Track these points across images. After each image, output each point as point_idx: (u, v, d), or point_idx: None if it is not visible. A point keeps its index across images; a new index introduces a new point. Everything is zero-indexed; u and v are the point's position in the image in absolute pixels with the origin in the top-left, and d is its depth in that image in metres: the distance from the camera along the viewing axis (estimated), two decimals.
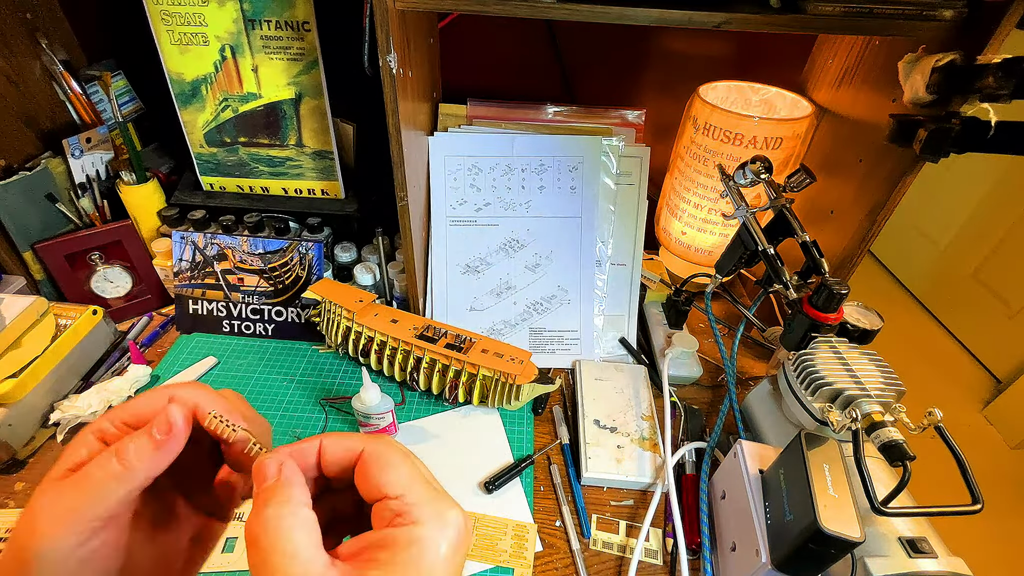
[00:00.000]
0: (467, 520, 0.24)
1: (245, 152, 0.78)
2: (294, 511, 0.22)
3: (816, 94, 0.77)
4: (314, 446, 0.26)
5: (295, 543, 0.22)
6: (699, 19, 0.51)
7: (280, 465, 0.24)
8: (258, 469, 0.24)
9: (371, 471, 0.24)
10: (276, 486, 0.23)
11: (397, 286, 0.82)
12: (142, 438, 0.24)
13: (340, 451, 0.25)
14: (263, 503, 0.23)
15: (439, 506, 0.23)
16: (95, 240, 0.77)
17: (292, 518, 0.22)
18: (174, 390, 0.27)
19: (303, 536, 0.22)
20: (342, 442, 0.26)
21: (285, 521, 0.22)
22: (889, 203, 0.60)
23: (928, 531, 0.46)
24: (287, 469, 0.24)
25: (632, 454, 0.65)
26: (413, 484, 0.24)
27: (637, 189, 0.79)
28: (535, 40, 0.84)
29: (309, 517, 0.23)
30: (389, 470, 0.24)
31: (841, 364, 0.57)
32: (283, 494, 0.23)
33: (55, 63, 0.72)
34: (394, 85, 0.55)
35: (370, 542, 0.23)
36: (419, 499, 0.23)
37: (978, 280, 1.93)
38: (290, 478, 0.24)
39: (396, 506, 0.23)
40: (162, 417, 0.25)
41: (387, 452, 0.25)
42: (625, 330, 0.80)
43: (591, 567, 0.57)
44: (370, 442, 0.25)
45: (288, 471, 0.24)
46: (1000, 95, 0.47)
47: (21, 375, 0.62)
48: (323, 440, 0.26)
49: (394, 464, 0.24)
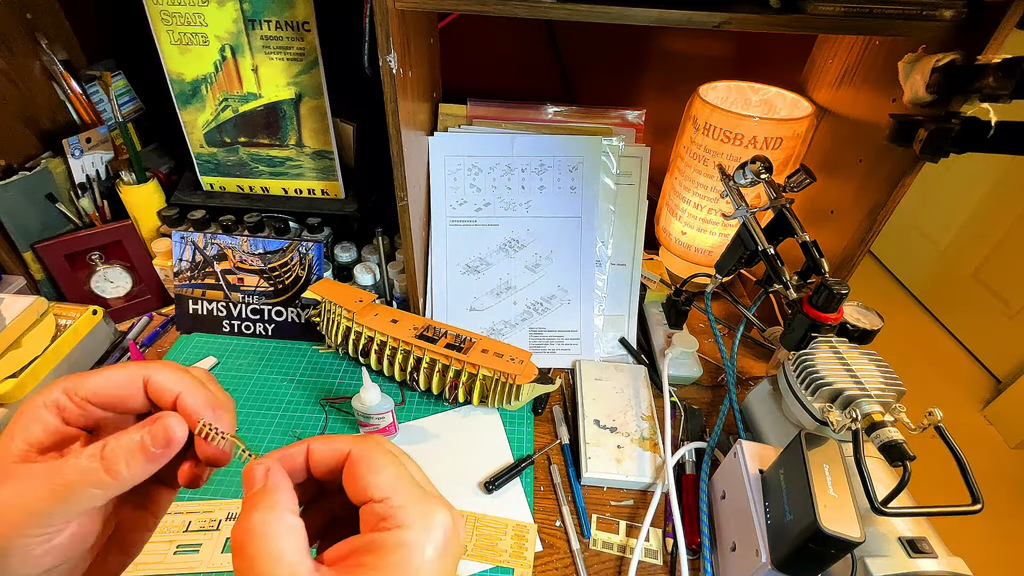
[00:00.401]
0: (456, 521, 0.24)
1: (245, 152, 0.78)
2: (279, 516, 0.22)
3: (816, 94, 0.77)
4: (302, 450, 0.26)
5: (280, 548, 0.21)
6: (699, 19, 0.51)
7: (267, 471, 0.24)
8: (246, 475, 0.24)
9: (357, 473, 0.24)
10: (262, 492, 0.23)
11: (397, 286, 0.82)
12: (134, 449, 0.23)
13: (327, 453, 0.25)
14: (249, 508, 0.23)
15: (425, 508, 0.23)
16: (95, 240, 0.77)
17: (277, 524, 0.22)
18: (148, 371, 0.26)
19: (288, 541, 0.22)
20: (329, 444, 0.25)
21: (270, 527, 0.22)
22: (889, 203, 0.60)
23: (928, 531, 0.46)
24: (273, 475, 0.24)
25: (632, 454, 0.65)
26: (399, 486, 0.23)
27: (637, 189, 0.79)
28: (535, 40, 0.84)
29: (294, 522, 0.23)
30: (375, 472, 0.24)
31: (841, 364, 0.57)
32: (269, 500, 0.23)
33: (55, 63, 0.72)
34: (394, 85, 0.55)
35: (356, 546, 0.22)
36: (405, 501, 0.23)
37: (978, 280, 1.93)
38: (276, 484, 0.24)
39: (381, 509, 0.23)
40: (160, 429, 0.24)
41: (373, 454, 0.24)
42: (625, 330, 0.80)
43: (591, 567, 0.57)
44: (356, 444, 0.25)
45: (274, 477, 0.24)
46: (1000, 95, 0.47)
47: (21, 375, 0.62)
48: (311, 443, 0.26)
49: (380, 466, 0.24)
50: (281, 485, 0.24)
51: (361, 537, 0.23)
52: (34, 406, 0.24)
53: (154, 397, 0.26)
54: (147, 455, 0.24)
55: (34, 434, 0.24)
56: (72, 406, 0.25)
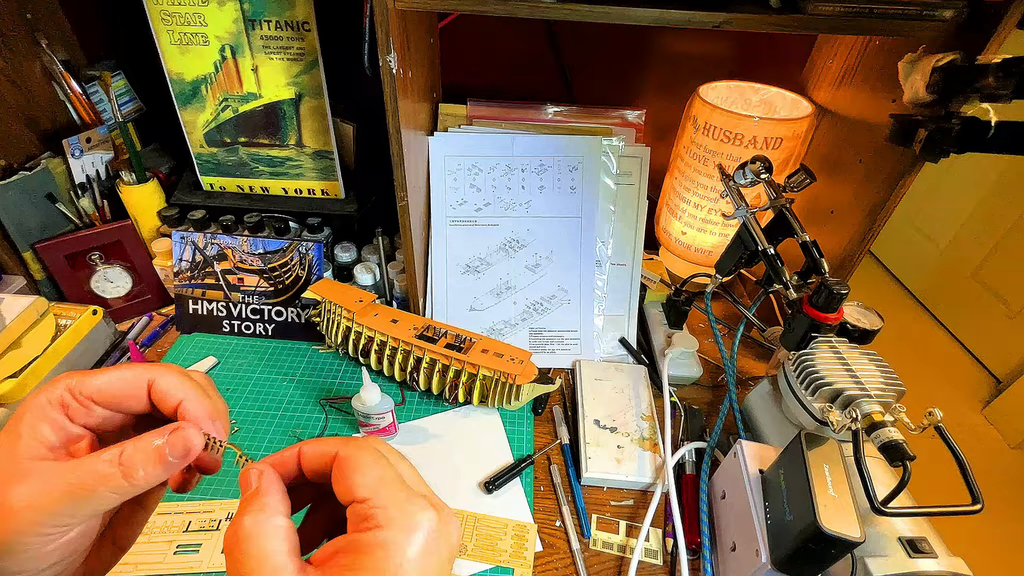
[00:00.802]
0: (445, 521, 0.24)
1: (245, 152, 0.78)
2: (268, 519, 0.23)
3: (816, 94, 0.77)
4: (294, 453, 0.26)
5: (268, 550, 0.22)
6: (699, 19, 0.51)
7: (260, 475, 0.25)
8: (242, 479, 0.25)
9: (343, 474, 0.24)
10: (253, 495, 0.24)
11: (397, 286, 0.82)
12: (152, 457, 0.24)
13: (317, 456, 0.26)
14: (241, 511, 0.23)
15: (408, 508, 0.23)
16: (95, 240, 0.77)
17: (266, 525, 0.23)
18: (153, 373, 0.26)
19: (276, 543, 0.22)
20: (319, 447, 0.26)
21: (259, 528, 0.22)
22: (889, 203, 0.60)
23: (928, 531, 0.46)
24: (264, 479, 0.25)
25: (632, 454, 0.65)
26: (381, 486, 0.24)
27: (637, 189, 0.79)
28: (535, 40, 0.84)
29: (283, 525, 0.23)
30: (359, 472, 0.24)
31: (841, 364, 0.57)
32: (258, 503, 0.24)
33: (55, 63, 0.72)
34: (394, 85, 0.55)
35: (339, 547, 0.23)
36: (387, 502, 0.23)
37: (978, 280, 1.93)
38: (267, 487, 0.24)
39: (363, 509, 0.23)
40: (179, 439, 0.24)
41: (358, 455, 0.25)
42: (625, 330, 0.80)
43: (591, 567, 0.57)
44: (344, 445, 0.25)
45: (266, 481, 0.25)
46: (1000, 95, 0.47)
47: (21, 375, 0.62)
48: (302, 447, 0.26)
49: (364, 466, 0.24)
50: (271, 489, 0.24)
51: (344, 537, 0.23)
52: (39, 403, 0.24)
53: (156, 400, 0.27)
54: (164, 463, 0.24)
55: (44, 434, 0.24)
56: (76, 405, 0.25)
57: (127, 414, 0.27)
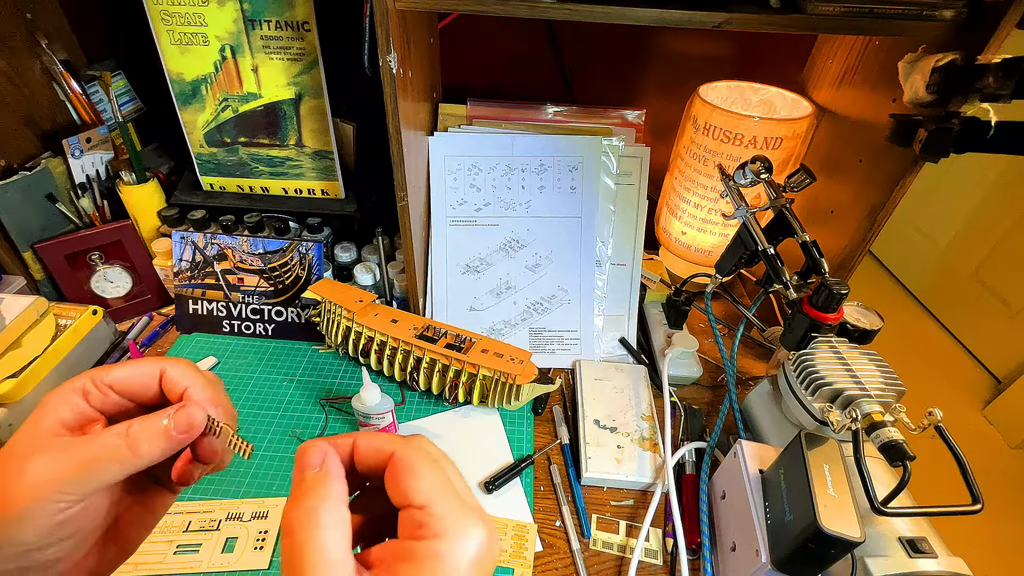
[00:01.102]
0: (492, 535, 0.24)
1: (245, 152, 0.78)
2: (333, 507, 0.22)
3: (816, 94, 0.77)
4: (348, 443, 0.26)
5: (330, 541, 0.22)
6: (699, 19, 0.51)
7: (325, 455, 0.24)
8: (301, 454, 0.24)
9: (399, 476, 0.24)
10: (319, 477, 0.23)
11: (397, 286, 0.82)
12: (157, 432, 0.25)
13: (372, 451, 0.25)
14: (304, 492, 0.23)
15: (464, 520, 0.23)
16: (95, 240, 0.77)
17: (330, 515, 0.22)
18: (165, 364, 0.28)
19: (337, 535, 0.22)
20: (374, 442, 0.25)
21: (324, 516, 0.22)
22: (889, 203, 0.60)
23: (928, 531, 0.46)
24: (330, 461, 0.24)
25: (632, 454, 0.65)
26: (438, 494, 0.23)
27: (637, 189, 0.79)
28: (535, 40, 0.84)
29: (346, 516, 0.23)
30: (416, 477, 0.23)
31: (841, 364, 0.57)
32: (325, 488, 0.23)
33: (55, 63, 0.72)
34: (394, 85, 0.55)
35: (393, 552, 0.22)
36: (443, 511, 0.23)
37: (978, 280, 1.93)
38: (332, 472, 0.24)
39: (419, 516, 0.23)
40: (183, 416, 0.26)
41: (416, 458, 0.24)
42: (625, 330, 0.80)
43: (591, 567, 0.57)
44: (401, 445, 0.25)
45: (331, 463, 0.24)
46: (1000, 95, 0.47)
47: (21, 375, 0.62)
48: (357, 438, 0.26)
49: (421, 471, 0.24)
50: (338, 474, 0.24)
51: (398, 543, 0.23)
52: (63, 390, 0.26)
53: (166, 389, 0.28)
54: (168, 438, 0.26)
55: (63, 414, 0.26)
56: (96, 391, 0.27)
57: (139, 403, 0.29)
